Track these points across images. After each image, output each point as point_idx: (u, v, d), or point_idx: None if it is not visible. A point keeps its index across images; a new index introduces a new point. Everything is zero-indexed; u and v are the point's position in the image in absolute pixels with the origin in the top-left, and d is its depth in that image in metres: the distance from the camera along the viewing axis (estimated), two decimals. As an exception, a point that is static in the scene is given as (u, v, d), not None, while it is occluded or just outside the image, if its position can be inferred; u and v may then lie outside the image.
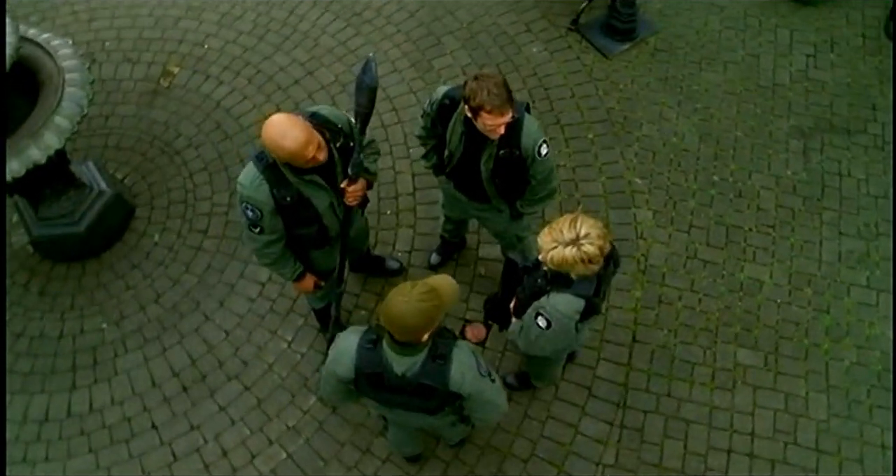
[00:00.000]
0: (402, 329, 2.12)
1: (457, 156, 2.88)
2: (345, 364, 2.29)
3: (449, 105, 2.79)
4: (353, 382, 2.33)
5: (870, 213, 4.01)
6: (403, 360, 2.22)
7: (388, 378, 2.24)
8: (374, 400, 2.42)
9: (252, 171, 2.58)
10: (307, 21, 4.84)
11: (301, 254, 2.93)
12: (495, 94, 2.49)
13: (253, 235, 2.72)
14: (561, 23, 4.75)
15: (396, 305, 2.09)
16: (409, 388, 2.26)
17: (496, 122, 2.56)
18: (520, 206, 3.05)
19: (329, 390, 2.49)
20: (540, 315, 2.46)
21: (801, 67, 4.51)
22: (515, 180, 2.90)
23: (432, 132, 3.00)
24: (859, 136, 4.25)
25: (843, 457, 3.39)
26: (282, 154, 2.41)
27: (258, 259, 2.94)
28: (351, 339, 2.30)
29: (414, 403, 2.34)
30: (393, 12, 4.86)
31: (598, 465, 3.40)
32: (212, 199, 4.17)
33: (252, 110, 4.48)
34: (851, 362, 3.60)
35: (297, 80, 4.59)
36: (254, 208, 2.59)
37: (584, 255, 2.27)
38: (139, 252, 4.02)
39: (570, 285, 2.40)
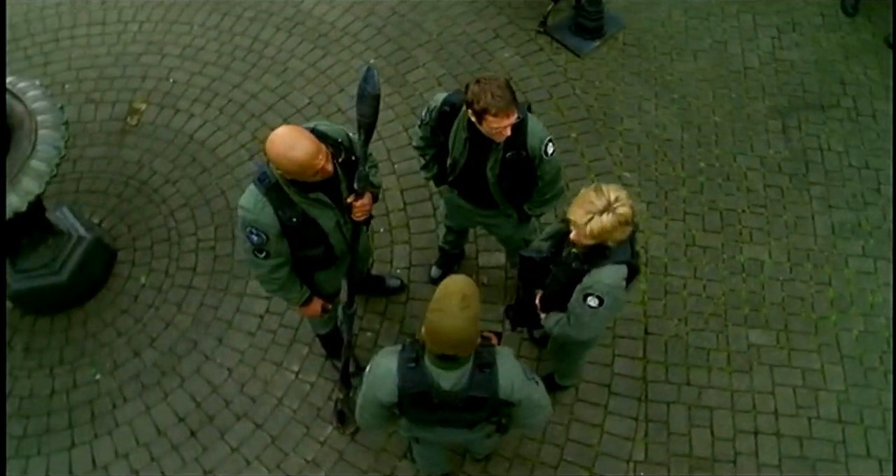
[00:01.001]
0: (458, 345, 2.09)
1: (461, 163, 2.86)
2: (387, 387, 2.22)
3: (449, 112, 2.78)
4: (397, 405, 2.26)
5: (854, 183, 4.15)
6: (450, 374, 2.17)
7: (436, 395, 2.19)
8: (419, 420, 2.36)
9: (254, 193, 2.54)
10: (273, 46, 4.83)
11: (305, 277, 2.88)
12: (499, 96, 2.49)
13: (258, 261, 2.67)
14: (529, 26, 4.84)
15: (447, 325, 2.05)
16: (458, 403, 2.21)
17: (502, 125, 2.55)
18: (528, 208, 3.05)
19: (368, 418, 2.41)
20: (589, 296, 2.47)
21: (767, 49, 4.67)
22: (523, 183, 2.90)
23: (432, 141, 2.99)
24: (833, 111, 4.42)
25: (867, 425, 3.46)
26: (291, 167, 2.37)
27: (264, 285, 2.88)
28: (389, 360, 2.24)
29: (462, 418, 2.30)
30: (359, 30, 4.89)
31: (628, 462, 3.41)
32: (196, 234, 4.09)
33: (227, 141, 4.43)
34: (860, 331, 3.70)
35: (270, 106, 4.56)
36: (259, 232, 2.55)
37: (620, 218, 2.31)
38: (126, 296, 3.91)
39: (608, 257, 2.44)
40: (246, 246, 2.65)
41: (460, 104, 2.72)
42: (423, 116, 2.95)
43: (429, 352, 2.17)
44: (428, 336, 2.11)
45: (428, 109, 2.90)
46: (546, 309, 2.81)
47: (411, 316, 3.82)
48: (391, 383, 2.21)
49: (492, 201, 3.00)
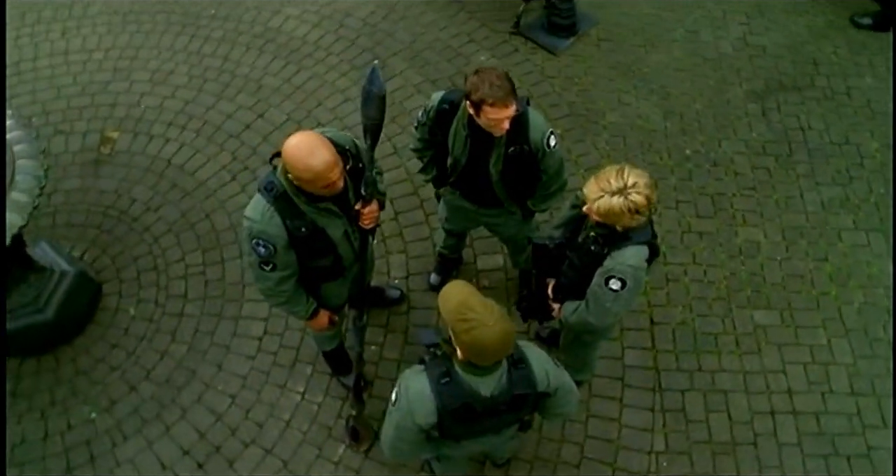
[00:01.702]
0: (507, 348, 2.05)
1: (462, 162, 2.84)
2: (425, 409, 2.14)
3: (448, 109, 2.76)
4: (437, 426, 2.19)
5: (838, 159, 4.27)
6: (488, 379, 2.13)
7: (479, 404, 2.14)
8: (458, 436, 2.29)
9: (261, 203, 2.48)
10: (244, 65, 4.80)
11: (312, 289, 2.84)
12: (497, 86, 2.47)
13: (264, 274, 2.61)
14: (502, 28, 4.90)
15: (490, 337, 1.98)
16: (502, 406, 2.17)
17: (500, 116, 2.53)
18: (532, 204, 3.04)
19: (405, 447, 2.30)
20: (612, 278, 2.46)
21: (739, 36, 4.80)
22: (526, 178, 2.88)
23: (430, 142, 2.97)
24: (809, 91, 4.55)
25: (879, 395, 3.52)
26: (305, 174, 2.32)
27: (269, 299, 2.82)
28: (419, 382, 2.17)
29: (506, 420, 2.26)
30: (331, 43, 4.90)
31: (649, 453, 3.41)
32: (184, 260, 4.02)
33: (207, 163, 4.37)
34: (861, 303, 3.78)
35: (247, 125, 4.52)
36: (266, 243, 2.50)
37: (630, 205, 2.29)
38: (116, 329, 3.80)
39: (629, 238, 2.43)
40: (252, 258, 2.59)
41: (459, 101, 2.72)
42: (419, 117, 2.93)
43: (463, 364, 2.11)
44: (474, 356, 2.05)
45: (425, 110, 2.88)
46: (558, 299, 2.81)
47: (414, 325, 3.79)
48: (429, 404, 2.13)
49: (495, 200, 2.99)
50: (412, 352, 3.69)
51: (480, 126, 2.65)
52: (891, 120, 4.37)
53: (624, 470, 3.37)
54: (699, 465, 3.37)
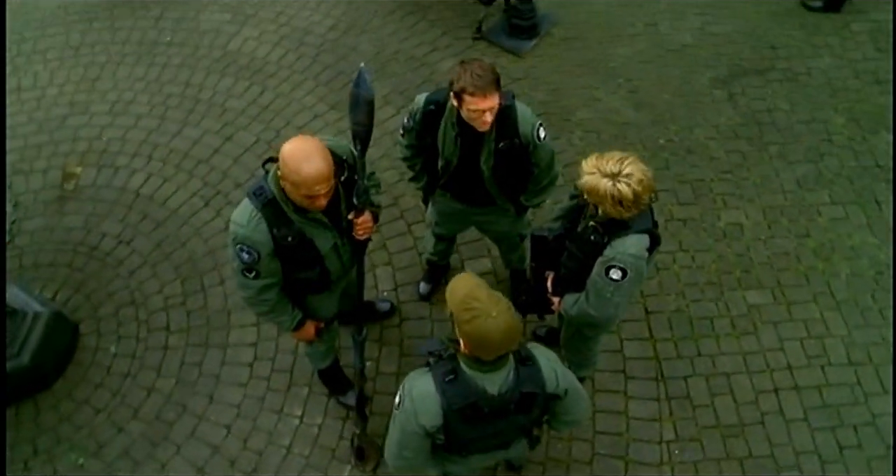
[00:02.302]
0: (511, 342, 2.02)
1: (454, 162, 2.83)
2: (430, 410, 2.09)
3: (435, 110, 2.75)
4: (442, 428, 2.14)
5: (807, 137, 4.40)
6: (495, 376, 2.10)
7: (486, 403, 2.10)
8: (469, 443, 2.24)
9: (248, 208, 2.44)
10: (207, 89, 4.77)
11: (297, 300, 2.79)
12: (479, 76, 2.47)
13: (247, 281, 2.57)
14: (464, 35, 4.97)
15: (493, 328, 1.95)
16: (510, 405, 2.13)
17: (480, 107, 2.52)
18: (525, 200, 3.05)
19: (410, 455, 2.22)
20: (612, 268, 2.45)
21: (698, 26, 4.95)
22: (518, 173, 2.89)
23: (419, 148, 2.95)
24: (771, 74, 4.70)
25: (876, 363, 3.60)
26: (294, 177, 2.28)
27: (252, 307, 2.77)
28: (423, 382, 2.12)
29: (514, 424, 2.22)
30: (294, 62, 4.90)
31: (660, 443, 3.42)
32: (163, 292, 3.93)
33: (177, 191, 4.31)
34: (848, 275, 3.88)
35: (216, 149, 4.48)
36: (250, 250, 2.45)
37: (615, 192, 2.29)
38: (98, 369, 3.69)
39: (629, 226, 2.43)
40: (235, 264, 2.54)
41: (444, 101, 2.71)
42: (405, 124, 2.91)
43: (468, 360, 2.09)
44: (478, 347, 2.02)
45: (410, 114, 2.87)
46: (558, 292, 2.82)
47: (409, 337, 3.77)
48: (433, 404, 2.09)
49: (487, 198, 2.99)
50: (409, 364, 3.66)
51: (468, 123, 2.65)
52: (857, 96, 4.54)
53: (637, 462, 3.37)
54: (711, 450, 3.39)
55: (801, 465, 3.33)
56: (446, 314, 3.73)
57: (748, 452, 3.37)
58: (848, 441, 3.39)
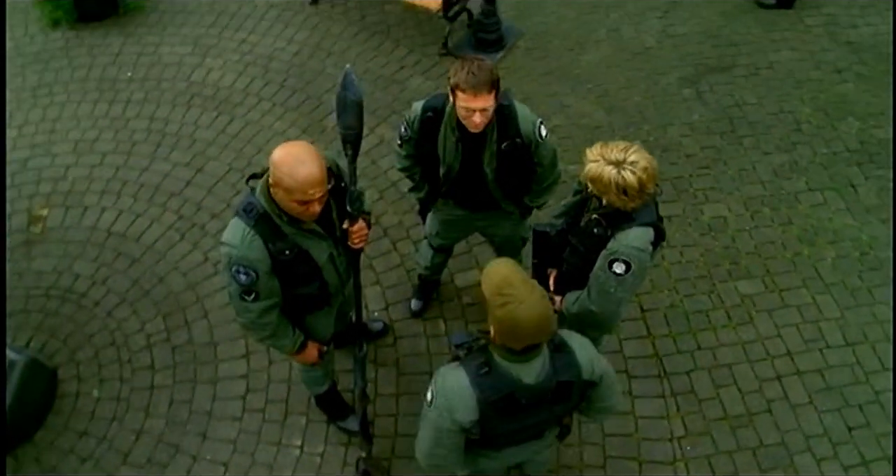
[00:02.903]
0: (545, 329, 1.99)
1: (456, 167, 2.83)
2: (465, 405, 2.05)
3: (433, 117, 2.75)
4: (478, 423, 2.10)
5: (777, 128, 4.55)
6: (531, 366, 2.06)
7: (522, 394, 2.07)
8: (505, 436, 2.21)
9: (240, 226, 2.38)
10: (173, 122, 4.73)
11: (296, 321, 2.74)
12: (473, 74, 2.48)
13: (246, 305, 2.50)
14: (431, 52, 5.05)
15: (526, 314, 1.92)
16: (547, 394, 2.11)
17: (469, 105, 2.53)
18: (529, 201, 3.06)
19: (444, 453, 2.18)
20: (615, 261, 2.44)
21: (659, 29, 5.12)
22: (521, 173, 2.89)
23: (417, 157, 2.95)
24: (735, 70, 4.87)
25: (872, 341, 3.68)
26: (287, 181, 2.24)
27: (253, 334, 2.71)
28: (456, 376, 2.08)
29: (554, 412, 2.20)
30: (261, 89, 4.91)
31: (671, 440, 3.42)
32: (144, 330, 3.83)
33: (151, 226, 4.24)
34: (833, 258, 3.98)
35: (188, 182, 4.43)
36: (247, 270, 2.39)
37: (620, 180, 2.30)
38: (81, 416, 3.56)
39: (633, 219, 2.43)
40: (232, 288, 2.47)
41: (442, 107, 2.72)
42: (402, 134, 2.89)
43: (500, 351, 2.05)
44: (508, 335, 1.98)
45: (407, 123, 2.85)
46: (559, 291, 2.82)
47: (404, 355, 3.73)
48: (469, 398, 2.05)
49: (491, 202, 2.99)
50: (408, 383, 3.62)
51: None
52: (819, 86, 4.73)
53: (650, 461, 3.37)
54: (722, 443, 3.40)
55: (813, 449, 3.36)
56: (441, 329, 3.78)
57: (759, 442, 3.40)
58: (855, 421, 3.44)
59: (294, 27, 5.28)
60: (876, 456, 3.34)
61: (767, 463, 3.34)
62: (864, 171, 4.34)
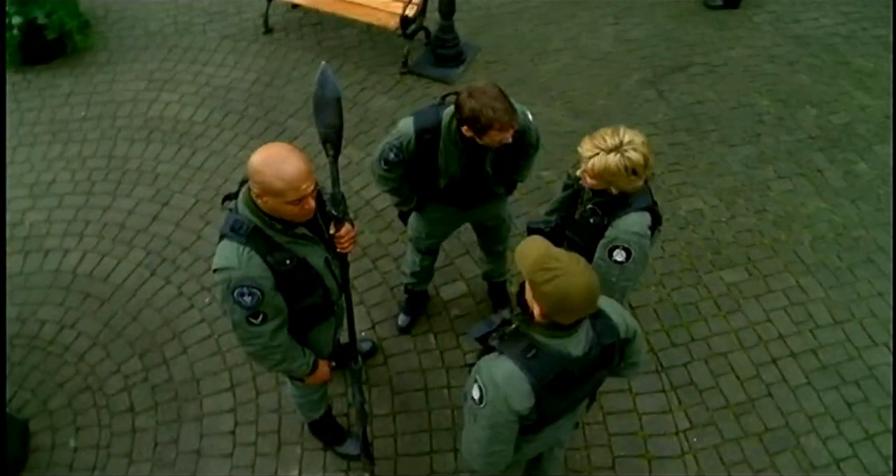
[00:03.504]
0: (592, 304, 1.96)
1: (458, 175, 2.85)
2: (520, 392, 2.01)
3: (431, 138, 2.75)
4: (535, 408, 2.06)
5: (740, 121, 4.70)
6: (577, 339, 2.03)
7: (574, 367, 2.03)
8: (561, 408, 2.17)
9: (232, 247, 2.30)
10: (133, 159, 4.65)
11: (299, 339, 2.65)
12: (502, 110, 2.49)
13: (254, 330, 2.40)
14: (392, 71, 5.10)
15: (576, 284, 1.88)
16: (597, 361, 2.09)
17: (505, 136, 2.56)
18: (517, 178, 3.15)
19: (503, 449, 2.14)
20: (615, 249, 2.44)
21: (614, 35, 5.28)
22: (516, 160, 2.95)
23: (407, 175, 2.95)
24: (692, 69, 5.04)
25: (859, 317, 3.77)
26: (277, 184, 2.17)
27: (264, 361, 2.57)
28: (504, 366, 2.02)
29: (599, 379, 2.19)
30: (222, 119, 4.87)
31: (677, 434, 3.42)
32: (120, 371, 3.69)
33: (119, 264, 4.11)
34: (811, 240, 4.10)
35: (154, 217, 4.33)
36: (251, 290, 2.30)
37: (627, 162, 2.32)
38: (59, 468, 3.37)
39: (629, 204, 2.45)
40: (236, 316, 2.36)
41: (437, 125, 2.73)
42: (391, 159, 2.85)
43: (543, 330, 2.02)
44: (558, 310, 1.93)
45: (399, 148, 2.81)
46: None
47: (397, 373, 3.66)
48: (523, 384, 2.00)
49: (487, 193, 3.04)
50: (403, 402, 3.55)
51: (470, 137, 2.66)
52: (774, 79, 4.92)
53: (658, 457, 3.35)
54: (727, 431, 3.41)
55: (818, 429, 3.40)
56: (431, 344, 3.74)
57: (764, 427, 3.42)
58: (854, 397, 3.50)
59: (250, 57, 5.29)
60: (879, 429, 3.39)
61: (775, 447, 3.35)
62: (828, 156, 4.50)
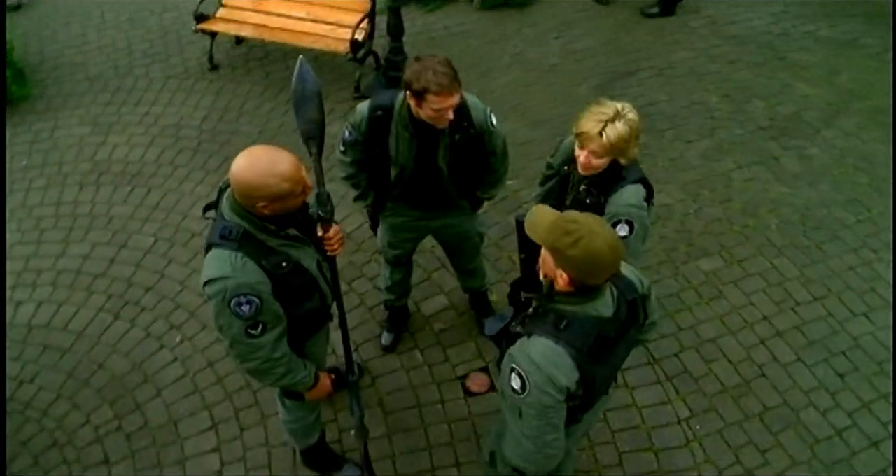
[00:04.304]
0: (619, 260, 1.93)
1: (410, 166, 2.79)
2: (564, 365, 1.94)
3: (383, 116, 2.71)
4: (580, 380, 1.99)
5: (693, 119, 4.89)
6: (604, 299, 2.01)
7: (609, 328, 2.00)
8: (603, 378, 2.12)
9: (224, 255, 2.19)
10: (84, 204, 4.50)
11: (296, 351, 2.51)
12: (442, 73, 2.47)
13: (254, 343, 2.27)
14: (345, 96, 5.13)
15: (600, 244, 1.84)
16: (627, 321, 2.07)
17: (444, 105, 2.51)
18: (481, 193, 3.06)
19: (557, 437, 2.06)
20: (617, 224, 2.44)
21: (560, 47, 5.46)
22: (475, 165, 2.90)
23: (363, 162, 2.90)
24: (640, 73, 5.23)
25: (836, 292, 3.89)
26: (281, 186, 2.09)
27: (267, 377, 2.41)
28: (539, 345, 1.96)
29: (630, 341, 2.16)
30: (174, 157, 4.78)
31: (679, 423, 3.41)
32: (89, 422, 3.48)
33: (78, 312, 3.93)
34: (777, 224, 4.23)
35: (111, 260, 4.17)
36: (250, 297, 2.19)
37: (631, 124, 2.36)
38: (31, 532, 3.14)
39: (623, 178, 2.47)
40: (234, 330, 2.24)
41: (391, 104, 2.70)
42: (345, 138, 2.84)
43: (569, 299, 1.98)
44: (588, 272, 1.89)
45: (353, 126, 2.79)
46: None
47: (387, 393, 3.57)
48: (564, 358, 1.94)
49: (445, 198, 2.97)
50: (397, 421, 3.45)
51: (423, 121, 2.64)
52: (719, 77, 5.15)
53: (665, 449, 3.33)
54: (728, 415, 3.42)
55: (815, 403, 3.45)
56: (418, 360, 3.67)
57: (763, 406, 3.45)
58: (844, 367, 3.57)
59: (198, 94, 5.24)
60: (873, 396, 3.47)
61: (777, 425, 3.38)
62: (781, 144, 4.70)
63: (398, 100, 2.70)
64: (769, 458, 3.28)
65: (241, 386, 3.60)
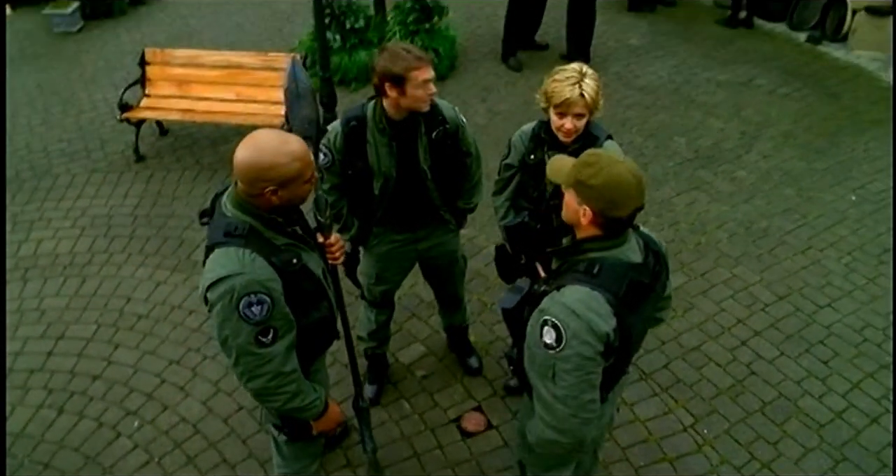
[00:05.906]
0: (643, 192, 1.94)
1: (393, 175, 2.80)
2: (601, 310, 1.91)
3: (357, 125, 2.73)
4: (617, 329, 1.94)
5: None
6: (631, 245, 2.01)
7: (641, 274, 1.99)
8: (638, 331, 2.10)
9: (231, 252, 2.06)
10: (10, 300, 4.19)
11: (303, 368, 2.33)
12: (412, 49, 2.58)
13: (264, 352, 2.10)
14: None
15: (626, 171, 1.90)
16: (655, 268, 2.07)
17: (427, 76, 2.58)
18: (462, 204, 3.09)
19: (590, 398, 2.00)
20: None
21: (484, 110, 5.77)
22: (454, 167, 2.95)
23: (343, 186, 2.88)
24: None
25: (797, 290, 4.10)
26: (293, 165, 2.02)
27: (275, 397, 2.21)
28: (573, 293, 1.93)
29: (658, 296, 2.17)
30: (108, 245, 4.59)
31: (686, 430, 3.39)
32: None
33: (14, 411, 3.56)
34: (727, 237, 4.49)
35: (49, 353, 3.86)
36: (261, 297, 2.04)
37: (595, 76, 2.54)
38: None
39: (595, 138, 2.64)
40: (242, 339, 2.07)
41: (363, 114, 2.74)
42: (322, 162, 2.79)
43: (597, 243, 1.98)
44: (614, 202, 1.90)
45: (328, 147, 2.78)
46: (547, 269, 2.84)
47: (380, 446, 3.35)
48: (600, 302, 1.92)
49: (431, 211, 2.98)
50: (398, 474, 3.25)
51: (400, 122, 2.71)
52: (639, 121, 5.56)
53: (678, 456, 3.28)
54: (731, 415, 3.44)
55: (808, 390, 3.54)
56: (406, 409, 3.52)
57: (761, 401, 3.50)
58: (825, 354, 3.72)
59: (126, 184, 5.13)
60: (860, 376, 3.60)
61: (779, 417, 3.42)
62: (711, 170, 5.06)
63: (369, 108, 2.76)
64: (781, 450, 3.30)
65: (216, 463, 3.31)
